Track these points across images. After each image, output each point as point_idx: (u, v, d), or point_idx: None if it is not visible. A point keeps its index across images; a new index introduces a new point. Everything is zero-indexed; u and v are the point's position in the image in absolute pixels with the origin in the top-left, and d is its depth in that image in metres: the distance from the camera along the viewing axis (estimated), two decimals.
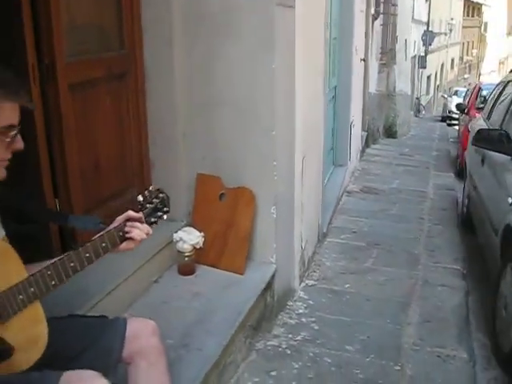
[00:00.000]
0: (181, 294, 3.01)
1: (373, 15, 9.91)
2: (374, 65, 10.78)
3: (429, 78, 25.58)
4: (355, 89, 7.81)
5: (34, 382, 1.53)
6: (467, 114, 9.83)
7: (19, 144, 1.54)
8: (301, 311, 3.64)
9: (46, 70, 2.48)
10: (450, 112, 20.00)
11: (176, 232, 3.18)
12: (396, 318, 3.63)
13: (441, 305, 3.90)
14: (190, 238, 3.15)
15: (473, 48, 42.38)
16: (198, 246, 3.18)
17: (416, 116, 20.77)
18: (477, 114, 9.10)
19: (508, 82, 5.90)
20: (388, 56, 12.39)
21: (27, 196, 1.92)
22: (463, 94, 19.00)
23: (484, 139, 4.31)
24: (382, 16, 11.38)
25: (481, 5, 42.86)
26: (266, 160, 3.18)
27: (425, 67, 20.92)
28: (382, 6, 11.09)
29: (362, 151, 9.82)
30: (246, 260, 3.26)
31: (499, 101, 5.74)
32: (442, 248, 5.17)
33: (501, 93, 5.93)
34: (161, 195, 1.94)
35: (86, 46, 2.84)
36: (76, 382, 1.52)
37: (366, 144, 10.47)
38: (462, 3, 36.84)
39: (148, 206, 1.89)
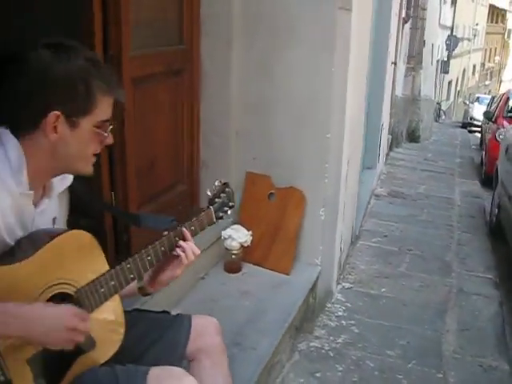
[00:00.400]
0: (229, 291, 3.04)
1: (403, 18, 9.89)
2: (401, 68, 10.77)
3: (450, 83, 25.48)
4: (386, 92, 7.82)
5: (121, 376, 1.55)
6: (495, 122, 9.79)
7: (110, 139, 1.55)
8: (340, 314, 3.66)
9: (110, 61, 2.50)
10: (471, 119, 19.95)
11: (225, 229, 3.20)
12: (434, 325, 3.64)
13: (478, 314, 3.91)
14: (238, 236, 3.18)
15: (495, 55, 42.19)
16: (245, 245, 3.21)
17: (436, 121, 20.68)
18: (505, 123, 9.07)
19: None
20: (415, 60, 12.36)
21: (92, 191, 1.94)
22: (485, 101, 18.92)
23: None
24: (411, 19, 11.35)
25: (505, 11, 42.61)
26: (318, 162, 3.20)
27: (447, 72, 20.83)
28: (412, 9, 11.05)
29: (387, 154, 9.83)
30: (293, 261, 3.29)
31: None
32: (472, 256, 5.19)
33: None
34: (227, 189, 1.96)
35: (149, 40, 2.86)
36: (165, 379, 1.54)
37: (390, 148, 10.48)
38: (486, 9, 36.69)
39: (217, 200, 1.91)
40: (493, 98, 15.66)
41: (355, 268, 4.50)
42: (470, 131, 18.73)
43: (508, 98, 10.10)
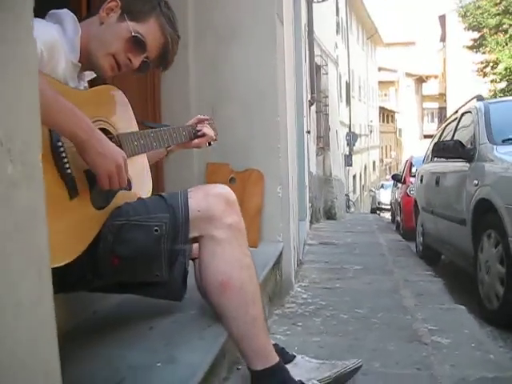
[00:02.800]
0: None
1: (309, 101, 10.81)
2: (312, 147, 11.59)
3: (354, 177, 27.13)
4: (306, 156, 8.44)
5: (166, 197, 1.77)
6: (404, 182, 10.68)
7: (136, 62, 1.75)
8: (304, 296, 3.90)
9: None
10: (379, 203, 21.23)
11: None
12: (392, 296, 3.94)
13: (426, 288, 4.28)
14: None
15: (391, 151, 45.59)
16: None
17: (347, 212, 21.66)
18: (412, 180, 9.94)
19: (447, 125, 6.68)
20: (323, 141, 13.29)
21: None
22: (389, 188, 20.22)
23: (442, 150, 4.92)
24: (315, 103, 12.34)
25: (394, 112, 46.72)
26: (271, 143, 3.59)
27: (351, 165, 22.28)
28: (315, 93, 12.05)
29: (310, 223, 10.34)
30: (259, 235, 3.56)
31: (441, 139, 6.48)
32: (409, 266, 5.62)
33: (440, 136, 6.69)
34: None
35: None
36: (204, 187, 1.81)
37: (310, 221, 11.02)
38: (377, 110, 40.16)
39: None
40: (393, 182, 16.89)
41: (307, 276, 4.77)
42: (380, 216, 19.82)
43: (411, 163, 11.06)
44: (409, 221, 8.85)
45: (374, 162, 37.24)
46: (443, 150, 4.92)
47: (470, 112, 5.40)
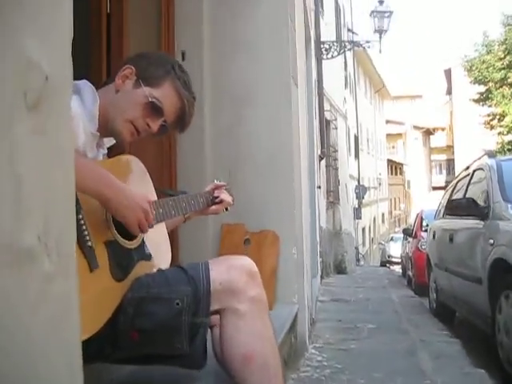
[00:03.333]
0: None
1: (319, 155, 10.89)
2: (322, 201, 11.61)
3: (363, 230, 27.03)
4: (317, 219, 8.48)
5: (187, 268, 1.76)
6: (415, 236, 10.61)
7: (154, 126, 1.78)
8: (319, 359, 3.84)
9: None
10: (389, 257, 21.06)
11: None
12: (409, 359, 3.87)
13: (443, 350, 4.19)
14: None
15: (400, 203, 45.61)
16: None
17: (356, 265, 21.50)
18: (423, 234, 9.89)
19: (457, 182, 6.69)
20: (333, 195, 13.31)
21: None
22: (399, 240, 20.10)
23: (456, 208, 4.91)
24: (325, 158, 12.43)
25: (402, 164, 46.92)
26: (286, 205, 3.59)
27: (360, 218, 22.21)
28: (325, 148, 12.15)
29: (321, 278, 10.27)
30: (274, 297, 3.52)
31: (452, 197, 6.48)
32: (425, 324, 5.56)
33: (452, 192, 6.69)
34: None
35: None
36: (225, 259, 1.81)
37: (321, 275, 10.95)
38: (385, 163, 40.36)
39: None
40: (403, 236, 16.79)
41: (321, 337, 4.71)
42: (391, 269, 19.65)
43: (422, 217, 11.02)
44: (421, 276, 8.77)
45: (383, 215, 37.20)
46: (456, 207, 4.91)
47: (481, 169, 5.41)
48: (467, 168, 6.67)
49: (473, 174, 5.80)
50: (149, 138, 1.93)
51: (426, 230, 10.03)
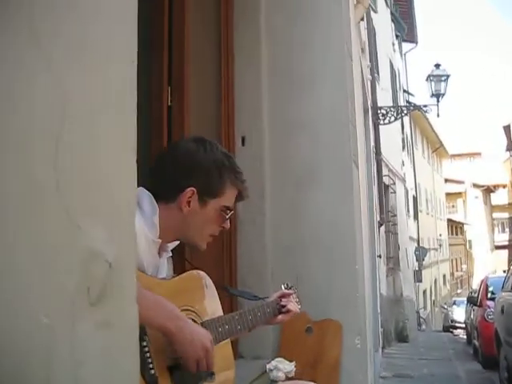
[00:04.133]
0: None
1: (378, 222, 10.72)
2: (382, 268, 11.34)
3: (424, 292, 26.22)
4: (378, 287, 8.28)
5: None
6: (480, 305, 10.18)
7: (227, 224, 1.87)
8: None
9: None
10: (452, 321, 20.27)
11: (269, 362, 3.32)
12: None
13: None
14: (283, 367, 3.28)
15: (462, 264, 44.25)
16: (290, 375, 3.31)
17: (418, 330, 20.80)
18: (490, 304, 9.49)
19: None
20: (393, 261, 13.02)
21: None
22: (462, 304, 19.42)
23: None
24: (384, 224, 12.22)
25: (462, 224, 45.73)
26: (350, 292, 3.47)
27: (421, 281, 21.58)
28: (384, 214, 11.97)
29: (382, 349, 9.92)
30: None
31: None
32: None
33: None
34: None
35: None
36: None
37: (382, 346, 10.59)
38: (445, 223, 39.43)
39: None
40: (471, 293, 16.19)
41: None
42: (454, 334, 18.90)
43: (487, 284, 10.60)
44: (489, 348, 8.33)
45: (444, 276, 36.07)
46: None
47: None
48: None
49: None
50: None
51: (492, 299, 9.64)
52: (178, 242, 1.89)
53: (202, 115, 3.49)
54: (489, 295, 9.92)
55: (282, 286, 2.31)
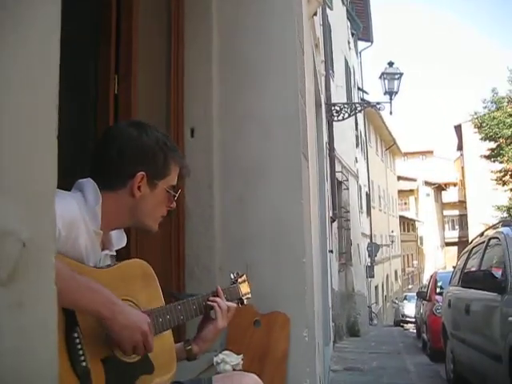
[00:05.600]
0: None
1: (331, 217, 10.81)
2: (334, 263, 11.45)
3: (376, 287, 26.62)
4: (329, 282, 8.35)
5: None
6: (429, 300, 10.39)
7: (174, 204, 1.87)
8: None
9: None
10: (403, 316, 20.65)
11: (216, 355, 3.30)
12: None
13: None
14: (230, 360, 3.26)
15: (413, 260, 45.16)
16: (237, 368, 3.29)
17: (370, 324, 21.09)
18: (438, 298, 9.69)
19: (472, 248, 6.58)
20: (345, 257, 13.16)
21: None
22: (413, 299, 19.79)
23: (471, 281, 4.77)
24: (337, 220, 12.34)
25: (414, 221, 46.64)
26: (297, 285, 3.47)
27: (373, 276, 21.91)
28: (337, 210, 12.08)
29: (333, 344, 10.02)
30: (285, 382, 3.37)
31: (467, 264, 6.34)
32: None
33: (467, 258, 6.56)
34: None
35: None
36: (227, 377, 1.69)
37: (334, 340, 10.70)
38: (397, 219, 40.12)
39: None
40: (421, 288, 16.52)
41: None
42: (405, 329, 19.25)
43: (436, 279, 10.83)
44: (436, 341, 8.52)
45: (396, 272, 36.74)
46: (473, 280, 4.78)
47: (497, 238, 5.30)
48: (482, 234, 6.56)
49: (488, 242, 5.68)
50: None
51: (440, 294, 9.85)
52: (124, 243, 1.87)
53: (150, 105, 3.44)
54: (437, 290, 10.14)
55: (232, 275, 2.31)
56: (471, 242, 7.56)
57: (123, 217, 1.75)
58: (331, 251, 9.23)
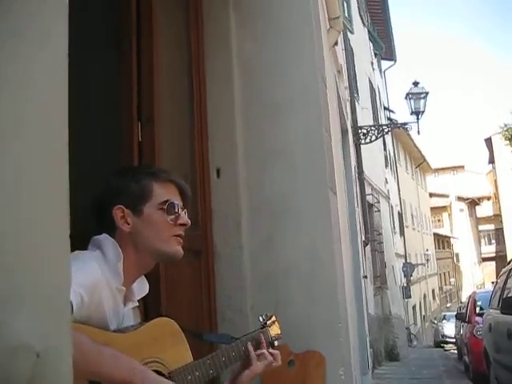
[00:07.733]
0: None
1: (364, 241, 10.69)
2: (369, 288, 11.29)
3: (414, 308, 26.16)
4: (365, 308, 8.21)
5: None
6: (469, 322, 10.13)
7: (184, 219, 1.81)
8: None
9: None
10: (443, 336, 20.22)
11: None
12: None
13: None
14: None
15: (450, 277, 44.36)
16: None
17: (409, 346, 20.72)
18: (478, 319, 9.46)
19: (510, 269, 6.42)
20: (380, 280, 12.98)
21: None
22: (452, 319, 19.39)
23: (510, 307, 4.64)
24: (370, 243, 12.20)
25: (449, 237, 45.92)
26: (331, 322, 3.40)
27: (409, 297, 21.56)
28: (369, 233, 11.95)
29: (372, 370, 9.82)
30: None
31: (507, 283, 6.18)
32: None
33: (507, 277, 6.39)
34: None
35: None
36: None
37: (373, 365, 10.50)
38: (431, 237, 39.54)
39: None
40: (459, 308, 16.17)
41: None
42: (445, 349, 18.83)
43: (475, 300, 10.57)
44: (479, 365, 8.29)
45: (433, 291, 36.09)
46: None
47: None
48: None
49: None
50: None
51: (480, 315, 9.62)
52: (146, 290, 1.85)
53: (174, 148, 3.44)
54: (477, 310, 9.90)
55: (260, 318, 2.26)
56: (509, 262, 7.38)
57: (136, 258, 1.72)
58: (365, 277, 9.10)
